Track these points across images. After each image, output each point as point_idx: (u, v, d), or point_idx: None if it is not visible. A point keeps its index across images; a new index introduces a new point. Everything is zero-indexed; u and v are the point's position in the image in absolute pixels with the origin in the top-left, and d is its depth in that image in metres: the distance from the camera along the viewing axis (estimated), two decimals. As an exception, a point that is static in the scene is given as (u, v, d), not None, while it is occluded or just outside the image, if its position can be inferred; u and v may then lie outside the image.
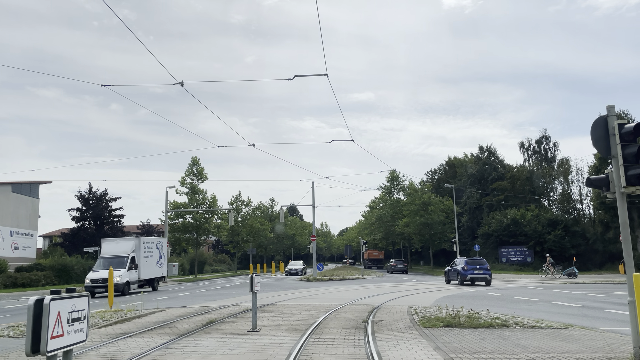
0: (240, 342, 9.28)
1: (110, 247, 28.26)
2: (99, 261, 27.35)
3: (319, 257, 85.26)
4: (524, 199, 56.02)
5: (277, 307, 15.99)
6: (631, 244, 7.51)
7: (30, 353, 4.44)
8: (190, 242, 51.48)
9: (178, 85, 14.97)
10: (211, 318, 13.02)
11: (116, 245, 28.40)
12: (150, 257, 29.59)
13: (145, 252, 28.95)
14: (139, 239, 28.78)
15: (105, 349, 8.82)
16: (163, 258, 32.29)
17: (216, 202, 51.96)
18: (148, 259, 29.27)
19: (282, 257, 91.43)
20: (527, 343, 8.79)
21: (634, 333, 7.00)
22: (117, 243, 28.74)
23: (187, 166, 51.18)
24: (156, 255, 30.75)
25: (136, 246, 28.22)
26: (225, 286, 32.30)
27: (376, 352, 8.05)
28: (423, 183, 67.54)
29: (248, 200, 68.75)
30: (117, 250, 27.68)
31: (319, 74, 16.00)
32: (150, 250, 29.84)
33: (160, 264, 31.43)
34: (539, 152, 60.62)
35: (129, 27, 16.38)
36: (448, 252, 62.25)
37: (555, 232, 49.74)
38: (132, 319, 13.40)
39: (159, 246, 31.67)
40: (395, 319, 12.47)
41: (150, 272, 29.41)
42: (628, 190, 7.26)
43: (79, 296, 5.13)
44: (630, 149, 7.28)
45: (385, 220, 69.08)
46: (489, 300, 18.63)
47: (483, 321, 11.29)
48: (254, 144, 24.09)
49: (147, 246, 29.51)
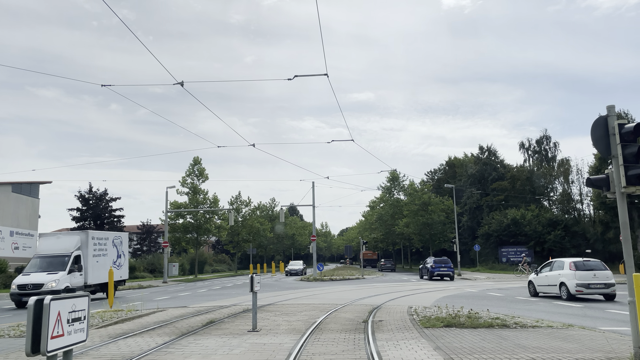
0: (240, 342, 9.28)
1: (49, 243, 22.95)
2: (33, 261, 22.35)
3: (319, 257, 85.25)
4: (524, 199, 56.02)
5: (277, 307, 15.99)
6: (631, 244, 7.50)
7: (31, 353, 4.44)
8: (191, 242, 51.48)
9: (178, 85, 14.98)
10: (211, 318, 13.02)
11: (56, 241, 23.11)
12: (103, 257, 24.59)
13: (96, 250, 24.01)
14: (86, 234, 23.65)
15: (105, 349, 8.82)
16: (122, 258, 27.08)
17: (217, 202, 51.99)
18: (100, 258, 24.27)
19: (282, 257, 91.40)
20: (527, 343, 8.79)
21: (634, 333, 7.00)
22: (57, 238, 23.45)
23: (188, 166, 51.22)
24: (112, 254, 25.69)
25: (82, 242, 23.11)
26: (226, 286, 32.29)
27: (376, 352, 8.05)
28: (423, 183, 67.48)
29: (248, 200, 68.74)
30: (57, 247, 22.54)
31: (319, 74, 16.01)
32: (104, 247, 24.85)
33: (118, 264, 26.25)
34: (539, 152, 60.62)
35: (128, 27, 16.39)
36: (448, 252, 62.20)
37: (555, 232, 49.75)
38: (132, 319, 13.40)
39: (117, 243, 26.44)
40: (395, 319, 12.47)
41: (102, 275, 24.05)
42: (628, 190, 7.26)
43: (79, 296, 5.14)
44: (631, 149, 7.28)
45: (385, 220, 69.09)
46: (489, 300, 18.63)
47: (483, 321, 11.30)
48: (254, 144, 24.10)
49: (99, 242, 24.46)
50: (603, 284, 17.87)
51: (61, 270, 21.27)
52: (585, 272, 18.01)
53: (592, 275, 17.96)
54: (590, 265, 18.45)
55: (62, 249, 22.37)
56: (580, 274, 18.02)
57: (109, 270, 18.73)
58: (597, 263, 18.73)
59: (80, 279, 22.44)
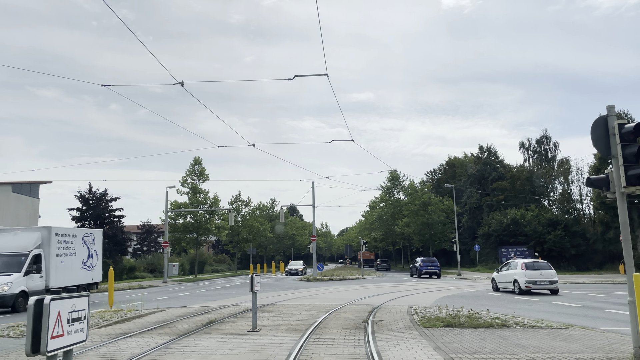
0: (240, 342, 9.28)
1: (5, 240, 20.35)
2: None
3: (319, 257, 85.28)
4: (524, 199, 56.01)
5: (277, 307, 15.99)
6: (631, 244, 7.51)
7: (31, 353, 4.44)
8: (191, 242, 51.47)
9: (177, 85, 14.97)
10: (211, 318, 13.02)
11: (13, 238, 20.45)
12: (69, 256, 21.86)
13: (62, 249, 21.29)
14: (48, 230, 20.81)
15: (105, 349, 8.82)
16: (95, 257, 24.06)
17: (218, 202, 51.98)
18: (66, 258, 21.59)
19: (282, 257, 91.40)
20: (527, 343, 8.79)
21: (634, 333, 7.00)
22: (14, 235, 20.69)
23: (188, 166, 51.29)
24: (82, 254, 22.86)
25: (44, 239, 20.47)
26: (225, 286, 32.28)
27: (376, 352, 8.05)
28: (423, 183, 67.51)
29: (248, 200, 68.75)
30: (14, 244, 19.98)
31: (319, 73, 16.00)
32: (70, 246, 22.04)
33: (89, 265, 23.34)
34: (539, 152, 60.59)
35: (128, 27, 16.39)
36: (448, 252, 62.23)
37: (555, 232, 49.74)
38: (132, 319, 13.40)
39: (88, 241, 23.41)
40: (395, 318, 12.47)
41: (68, 277, 21.43)
42: (628, 190, 7.26)
43: (79, 296, 5.14)
44: (630, 149, 7.28)
45: (385, 220, 69.10)
46: (489, 300, 18.63)
47: (483, 321, 11.30)
48: (254, 144, 24.08)
49: (65, 240, 21.62)
50: (548, 281, 21.05)
51: (16, 271, 18.71)
52: (534, 272, 21.21)
53: (539, 274, 21.14)
54: (538, 266, 21.65)
55: (19, 247, 19.83)
56: (529, 273, 21.18)
57: (109, 270, 18.07)
58: (543, 264, 21.98)
59: (41, 281, 19.75)
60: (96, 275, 24.84)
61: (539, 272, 21.13)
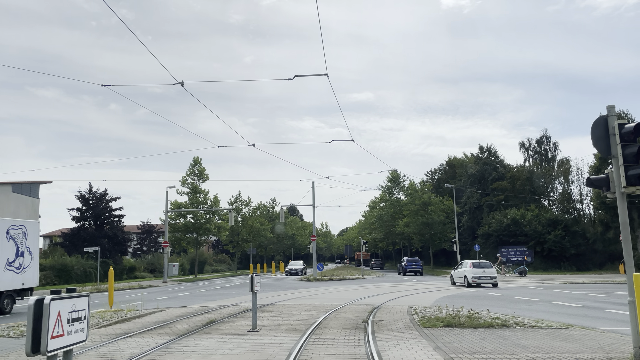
0: (240, 342, 9.28)
1: None
2: None
3: (319, 257, 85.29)
4: (524, 199, 56.00)
5: (277, 307, 15.99)
6: (631, 244, 7.51)
7: (31, 353, 4.44)
8: (191, 242, 51.47)
9: (177, 85, 14.96)
10: (211, 318, 13.02)
11: None
12: None
13: None
14: None
15: (105, 348, 8.82)
16: (27, 256, 18.09)
17: (218, 202, 51.97)
18: None
19: (282, 257, 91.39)
20: (527, 343, 8.79)
21: (634, 333, 7.00)
22: None
23: (188, 166, 51.24)
24: (6, 251, 16.96)
25: None
26: (226, 286, 32.28)
27: (376, 352, 8.05)
28: (423, 183, 67.49)
29: (248, 200, 68.74)
30: None
31: (319, 73, 15.99)
32: None
33: (18, 266, 17.53)
34: (539, 152, 60.58)
35: (128, 27, 16.38)
36: (448, 252, 62.24)
37: (555, 232, 49.75)
38: (132, 319, 13.40)
39: (16, 235, 17.49)
40: (395, 318, 12.47)
41: None
42: (628, 190, 7.26)
43: (79, 296, 5.14)
44: (631, 149, 7.28)
45: (385, 220, 69.09)
46: (489, 300, 18.63)
47: (483, 321, 11.30)
48: (254, 144, 24.07)
49: None
50: (489, 276, 26.64)
51: None
52: (479, 269, 26.85)
53: (482, 271, 26.73)
54: (482, 265, 27.37)
55: None
56: (475, 270, 26.75)
57: (110, 270, 17.79)
58: (486, 263, 27.86)
59: None
60: (29, 279, 18.33)
61: (483, 270, 26.54)
